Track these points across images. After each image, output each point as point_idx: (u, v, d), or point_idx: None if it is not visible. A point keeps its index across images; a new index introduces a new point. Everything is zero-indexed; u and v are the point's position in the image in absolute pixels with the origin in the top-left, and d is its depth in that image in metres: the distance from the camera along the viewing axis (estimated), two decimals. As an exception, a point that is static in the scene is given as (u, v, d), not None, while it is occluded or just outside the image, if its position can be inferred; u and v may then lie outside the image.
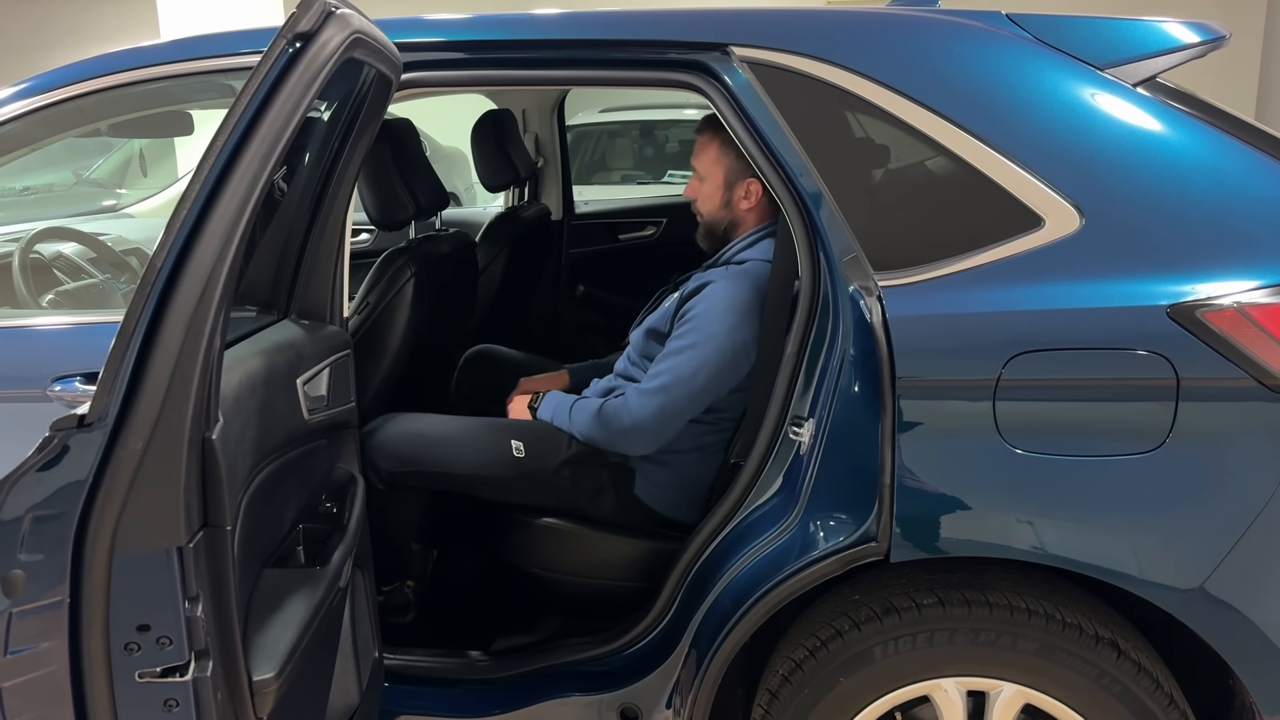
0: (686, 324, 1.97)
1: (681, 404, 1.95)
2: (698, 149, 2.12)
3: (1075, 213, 1.51)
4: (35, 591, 1.21)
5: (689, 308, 1.98)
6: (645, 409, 1.95)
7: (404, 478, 2.11)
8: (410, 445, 2.11)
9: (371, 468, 2.09)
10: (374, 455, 2.09)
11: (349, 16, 1.39)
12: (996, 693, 1.59)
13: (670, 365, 1.95)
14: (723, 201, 2.09)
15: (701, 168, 2.11)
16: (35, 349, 1.98)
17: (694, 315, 1.96)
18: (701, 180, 2.12)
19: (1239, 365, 1.42)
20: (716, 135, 2.06)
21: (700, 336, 1.93)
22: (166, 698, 1.25)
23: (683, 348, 1.95)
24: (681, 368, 1.94)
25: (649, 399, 1.95)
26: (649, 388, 1.96)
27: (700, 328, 1.94)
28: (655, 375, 1.97)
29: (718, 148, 2.07)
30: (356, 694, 1.79)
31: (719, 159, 2.07)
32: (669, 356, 1.97)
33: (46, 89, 1.95)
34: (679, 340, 1.97)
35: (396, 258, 2.29)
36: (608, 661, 1.95)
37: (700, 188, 2.13)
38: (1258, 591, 1.50)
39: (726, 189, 2.08)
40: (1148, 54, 1.62)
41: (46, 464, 1.19)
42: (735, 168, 2.05)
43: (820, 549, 1.60)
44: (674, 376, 1.94)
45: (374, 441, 2.11)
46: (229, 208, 1.23)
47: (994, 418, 1.49)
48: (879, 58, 1.64)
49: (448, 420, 2.18)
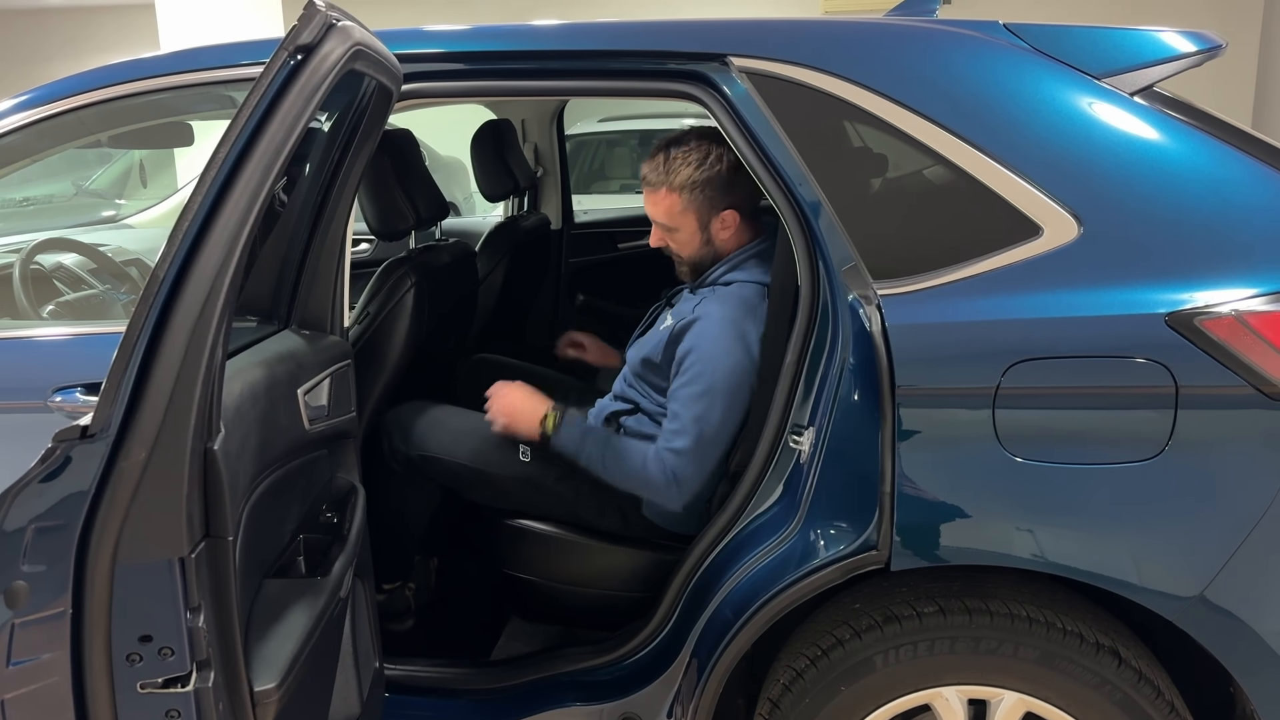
0: (691, 367, 1.92)
1: (715, 450, 1.92)
2: (651, 203, 2.04)
3: (1074, 221, 1.51)
4: (38, 602, 1.21)
5: (688, 350, 1.94)
6: (687, 470, 1.91)
7: (420, 463, 2.12)
8: (430, 432, 2.13)
9: (390, 449, 2.13)
10: (394, 437, 2.14)
11: (350, 29, 1.40)
12: (998, 701, 1.59)
13: (693, 415, 1.90)
14: (703, 241, 2.04)
15: (668, 220, 2.03)
16: (36, 360, 1.98)
17: (696, 356, 1.92)
18: (671, 230, 2.04)
19: (1237, 373, 1.42)
20: (670, 189, 1.99)
21: (711, 379, 1.89)
22: (168, 708, 1.26)
23: (698, 394, 1.90)
24: (704, 415, 1.89)
25: (688, 459, 1.90)
26: (682, 447, 1.91)
27: (708, 370, 1.90)
28: (681, 432, 1.91)
29: (677, 199, 1.99)
30: (357, 704, 1.79)
31: (685, 209, 2.00)
32: (687, 406, 1.91)
33: (47, 100, 1.96)
34: (691, 386, 1.91)
35: (397, 268, 2.29)
36: (609, 671, 1.95)
37: (674, 236, 2.05)
38: (1258, 599, 1.50)
39: (703, 230, 2.02)
40: (1145, 63, 1.63)
41: (49, 475, 1.19)
42: (705, 208, 2.00)
43: (821, 558, 1.60)
44: (701, 427, 1.89)
45: (396, 423, 2.16)
46: (231, 219, 1.23)
47: (994, 426, 1.49)
48: (877, 68, 1.64)
49: (467, 414, 2.20)
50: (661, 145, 2.05)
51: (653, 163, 2.04)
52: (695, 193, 1.99)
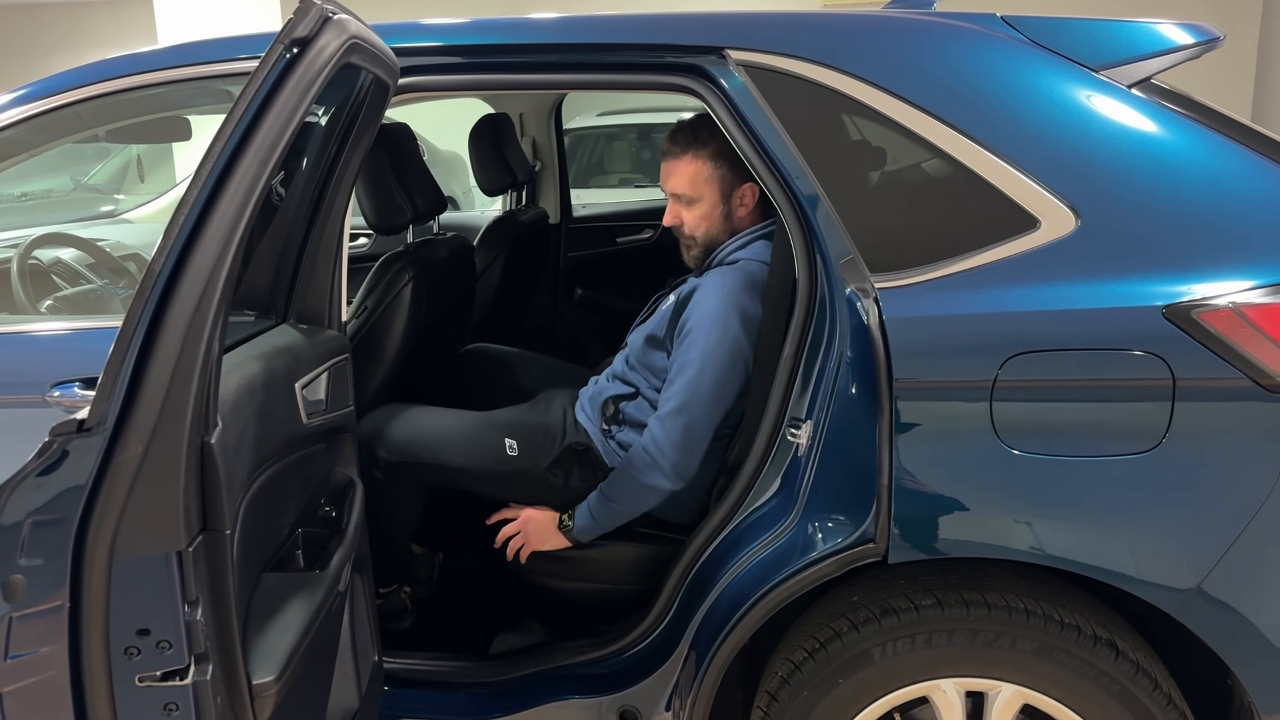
0: (688, 336, 1.92)
1: (703, 418, 1.90)
2: (677, 171, 2.01)
3: (1071, 214, 1.51)
4: (35, 596, 1.21)
5: (687, 318, 1.94)
6: (671, 434, 1.89)
7: (401, 468, 2.10)
8: (407, 434, 2.11)
9: (370, 456, 2.09)
10: (372, 443, 2.10)
11: (345, 22, 1.39)
12: (995, 693, 1.60)
13: (684, 382, 1.90)
14: (722, 215, 2.01)
15: (690, 189, 2.00)
16: (34, 354, 1.98)
17: (694, 325, 1.91)
18: (691, 203, 2.01)
19: (1235, 365, 1.42)
20: (699, 154, 1.97)
21: (706, 345, 1.88)
22: (166, 701, 1.26)
23: (691, 360, 1.89)
24: (695, 382, 1.89)
25: (672, 422, 1.89)
26: (668, 410, 1.90)
27: (704, 337, 1.89)
28: (670, 398, 1.91)
29: (704, 165, 1.98)
30: (356, 697, 1.79)
31: (710, 178, 1.98)
32: (680, 374, 1.91)
33: (44, 95, 1.95)
34: (685, 354, 1.91)
35: (394, 262, 2.29)
36: (607, 664, 1.95)
37: (691, 212, 2.02)
38: (1255, 591, 1.50)
39: (724, 202, 2.00)
40: (1142, 55, 1.63)
41: (46, 469, 1.19)
42: (730, 178, 1.98)
43: (818, 550, 1.60)
44: (691, 392, 1.89)
45: (373, 429, 2.12)
46: (227, 212, 1.23)
47: (991, 419, 1.49)
48: (875, 61, 1.64)
49: (445, 413, 2.19)
50: (688, 121, 2.03)
51: (678, 133, 2.02)
52: (722, 161, 1.97)
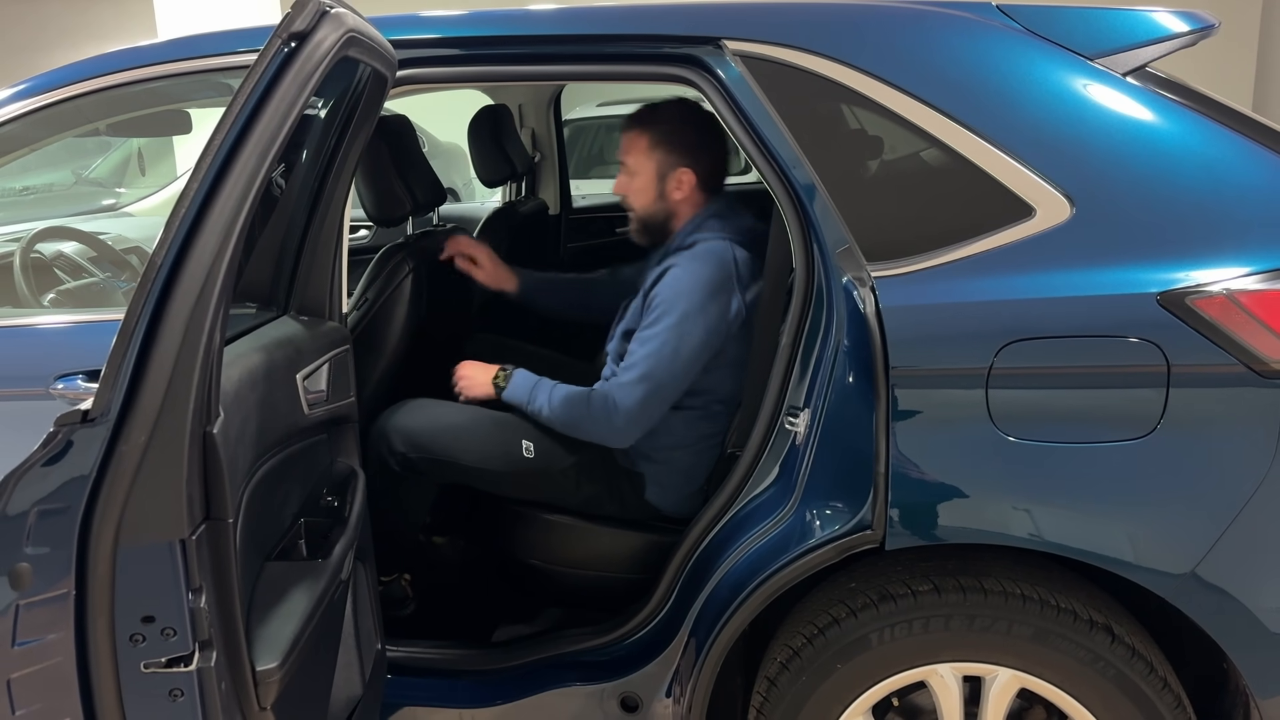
0: (655, 311, 1.98)
1: (664, 389, 1.97)
2: (627, 145, 2.14)
3: (1066, 202, 1.52)
4: (41, 584, 1.23)
5: (654, 295, 2.00)
6: (630, 399, 1.96)
7: (418, 463, 2.12)
8: (426, 431, 2.13)
9: (387, 449, 2.11)
10: (390, 436, 2.12)
11: (343, 15, 1.40)
12: (992, 678, 1.61)
13: (646, 352, 1.96)
14: (657, 194, 2.12)
15: (633, 163, 2.13)
16: (38, 348, 2.00)
17: (660, 301, 1.98)
18: (633, 175, 2.14)
19: (1229, 351, 1.43)
20: (646, 130, 2.11)
21: (671, 319, 1.95)
22: (171, 687, 1.27)
23: (656, 333, 1.96)
24: (658, 351, 1.95)
25: (632, 389, 1.96)
26: (630, 379, 1.97)
27: (669, 311, 1.96)
28: (632, 365, 1.98)
29: (649, 141, 2.10)
30: (359, 685, 1.80)
31: (650, 152, 2.10)
32: (644, 344, 1.98)
33: (45, 89, 1.96)
34: (651, 327, 1.98)
35: (394, 253, 2.30)
36: (608, 651, 1.97)
37: (632, 183, 2.14)
38: (1250, 575, 1.51)
39: (659, 180, 2.11)
40: (1137, 43, 1.64)
41: (51, 459, 1.21)
42: (667, 160, 2.09)
43: (816, 537, 1.61)
44: (653, 362, 1.95)
45: (391, 422, 2.13)
46: (227, 205, 1.24)
47: (987, 406, 1.50)
48: (871, 50, 1.65)
49: (464, 410, 2.20)
50: (653, 103, 2.17)
51: (640, 111, 2.15)
52: (664, 140, 2.08)
